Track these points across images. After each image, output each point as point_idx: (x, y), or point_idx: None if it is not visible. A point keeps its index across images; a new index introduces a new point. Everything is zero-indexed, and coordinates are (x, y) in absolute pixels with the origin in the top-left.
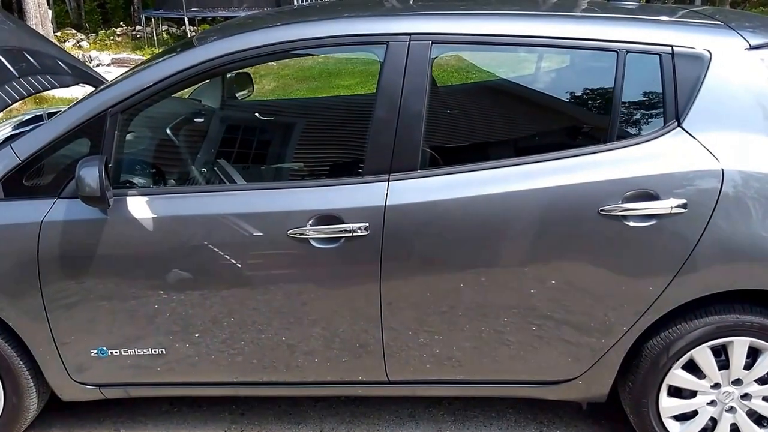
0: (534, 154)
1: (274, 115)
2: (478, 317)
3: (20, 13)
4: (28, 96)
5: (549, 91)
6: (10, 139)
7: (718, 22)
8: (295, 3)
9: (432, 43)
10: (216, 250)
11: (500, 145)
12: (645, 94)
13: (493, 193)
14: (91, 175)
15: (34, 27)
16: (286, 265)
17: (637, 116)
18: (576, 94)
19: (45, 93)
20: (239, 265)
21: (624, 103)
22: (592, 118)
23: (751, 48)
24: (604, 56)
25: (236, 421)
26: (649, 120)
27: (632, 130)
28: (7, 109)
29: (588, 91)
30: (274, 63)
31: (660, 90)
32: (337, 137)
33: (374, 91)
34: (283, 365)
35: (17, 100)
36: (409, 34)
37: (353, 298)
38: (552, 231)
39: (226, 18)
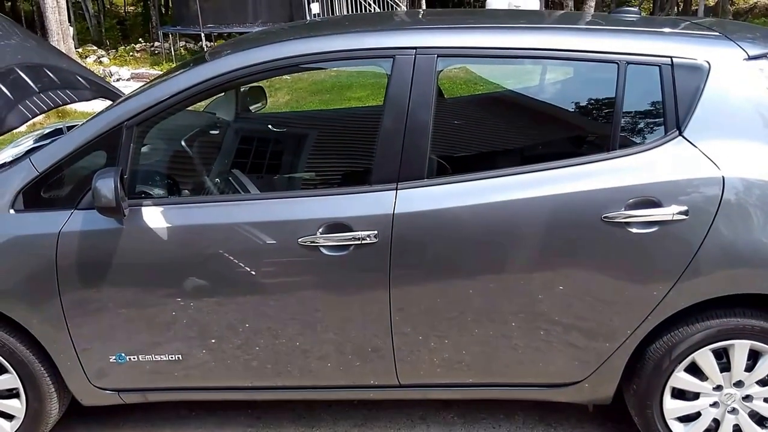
0: (539, 162)
1: (286, 126)
2: (487, 322)
3: (43, 30)
4: (49, 110)
5: (553, 101)
6: (30, 152)
7: (717, 34)
8: (308, 18)
9: (437, 56)
10: (229, 258)
11: (506, 154)
12: (646, 104)
13: (499, 201)
14: (107, 186)
15: (56, 44)
16: (298, 273)
17: (639, 125)
18: (579, 105)
19: (67, 107)
20: (253, 273)
21: (626, 112)
22: (595, 128)
23: (750, 58)
24: (606, 68)
25: (252, 425)
26: (650, 129)
27: (634, 139)
28: (31, 123)
29: (591, 101)
30: (288, 77)
31: (660, 100)
32: (347, 147)
33: (382, 102)
34: (297, 370)
35: (37, 115)
36: (415, 48)
37: (364, 304)
38: (557, 237)
39: (241, 33)
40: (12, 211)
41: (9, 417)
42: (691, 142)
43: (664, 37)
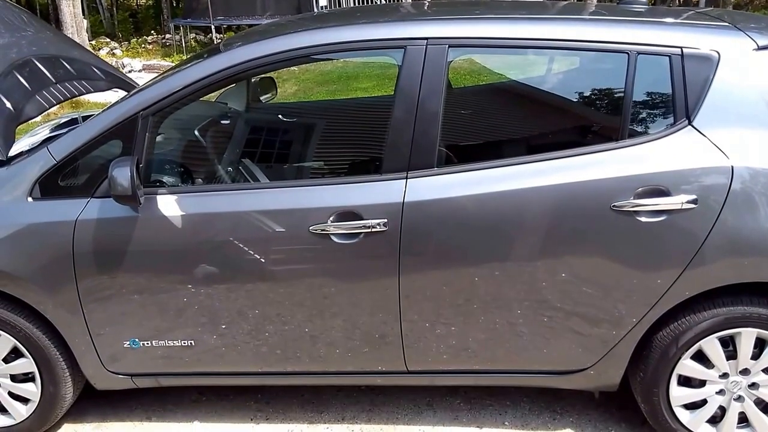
0: (548, 151)
1: (296, 116)
2: (493, 309)
3: (57, 23)
4: (65, 100)
5: (562, 91)
6: (47, 141)
7: (726, 24)
8: (315, 10)
9: (448, 46)
10: (241, 245)
11: (515, 143)
12: (656, 93)
13: (508, 190)
14: (123, 175)
15: (70, 36)
16: (308, 260)
17: (648, 115)
18: (589, 94)
19: (81, 97)
20: (263, 260)
21: (635, 102)
22: (604, 117)
23: (759, 48)
24: (616, 58)
25: (261, 410)
26: (659, 118)
27: (643, 128)
28: (46, 113)
29: (601, 91)
30: (295, 68)
31: (670, 90)
32: (357, 137)
33: (391, 93)
34: (306, 356)
35: (54, 105)
36: (426, 39)
37: (373, 292)
38: (565, 226)
39: (251, 25)
40: (30, 199)
41: (25, 400)
42: (700, 132)
43: (674, 28)
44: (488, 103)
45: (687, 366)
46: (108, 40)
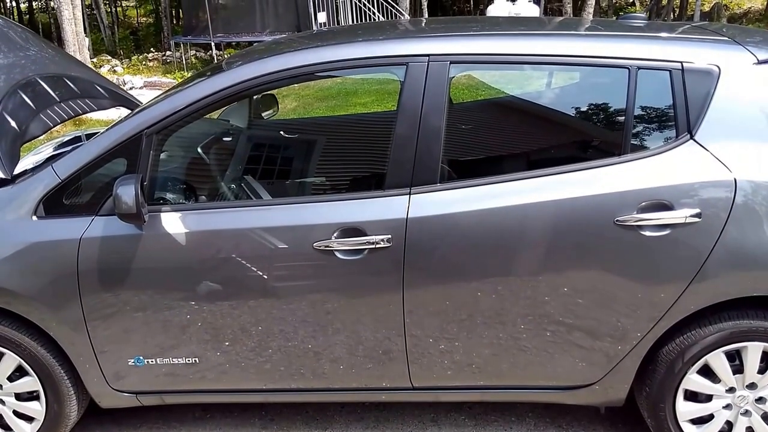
0: (551, 166)
1: (298, 133)
2: (497, 325)
3: (59, 41)
4: (69, 119)
5: (564, 106)
6: (51, 159)
7: (726, 38)
8: (314, 27)
9: (450, 63)
10: (244, 262)
11: (517, 158)
12: (657, 108)
13: (511, 205)
14: (127, 193)
15: (72, 54)
16: (312, 276)
17: (650, 129)
18: (590, 110)
19: (84, 116)
20: (267, 277)
21: (637, 117)
22: (606, 132)
23: (759, 62)
24: (616, 72)
25: (266, 427)
26: (661, 133)
27: (646, 143)
28: (49, 131)
29: (603, 106)
30: (296, 84)
31: (671, 104)
32: (359, 153)
33: (390, 108)
34: (310, 372)
35: (58, 123)
36: (428, 55)
37: (377, 307)
38: (569, 241)
39: (250, 43)
40: (34, 218)
41: (29, 419)
42: (702, 146)
43: (674, 42)
44: (490, 119)
45: (693, 381)
46: (109, 57)
